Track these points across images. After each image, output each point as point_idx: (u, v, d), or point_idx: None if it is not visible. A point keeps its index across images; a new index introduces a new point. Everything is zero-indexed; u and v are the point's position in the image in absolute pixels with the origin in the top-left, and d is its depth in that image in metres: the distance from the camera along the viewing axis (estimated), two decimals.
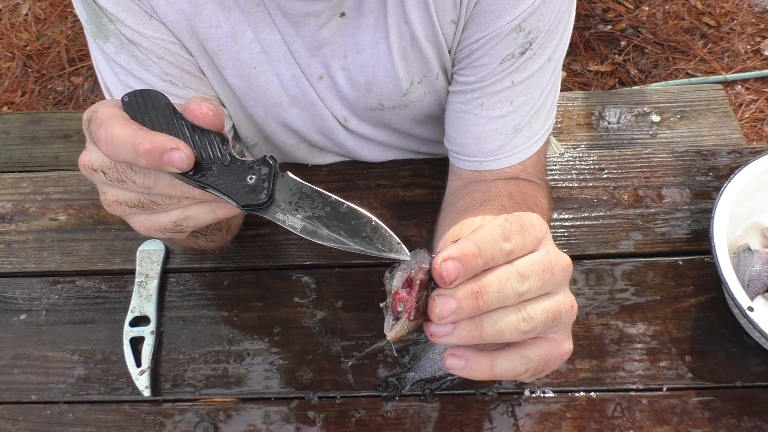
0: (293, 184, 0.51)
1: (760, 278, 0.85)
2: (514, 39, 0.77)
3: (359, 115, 0.93)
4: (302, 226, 0.50)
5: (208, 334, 0.89)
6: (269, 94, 0.87)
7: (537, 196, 0.84)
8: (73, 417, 0.84)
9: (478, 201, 0.81)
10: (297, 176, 0.52)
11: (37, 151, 1.61)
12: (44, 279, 0.95)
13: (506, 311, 0.47)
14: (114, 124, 0.48)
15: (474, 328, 0.46)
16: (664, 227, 0.94)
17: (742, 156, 1.00)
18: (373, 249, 0.49)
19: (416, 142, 1.02)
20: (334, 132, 0.95)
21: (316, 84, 0.87)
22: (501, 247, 0.46)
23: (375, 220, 0.51)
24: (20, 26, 2.46)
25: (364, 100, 0.89)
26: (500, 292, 0.46)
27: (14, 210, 1.01)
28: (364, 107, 0.90)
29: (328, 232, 0.51)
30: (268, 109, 0.90)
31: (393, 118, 0.93)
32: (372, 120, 0.94)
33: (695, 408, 0.81)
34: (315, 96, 0.89)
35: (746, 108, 2.15)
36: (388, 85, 0.85)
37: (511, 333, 0.47)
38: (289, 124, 0.93)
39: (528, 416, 0.81)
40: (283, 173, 0.51)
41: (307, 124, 0.93)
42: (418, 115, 0.92)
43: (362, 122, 0.94)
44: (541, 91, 0.83)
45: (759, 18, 2.34)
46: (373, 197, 0.99)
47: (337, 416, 0.82)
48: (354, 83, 0.86)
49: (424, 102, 0.89)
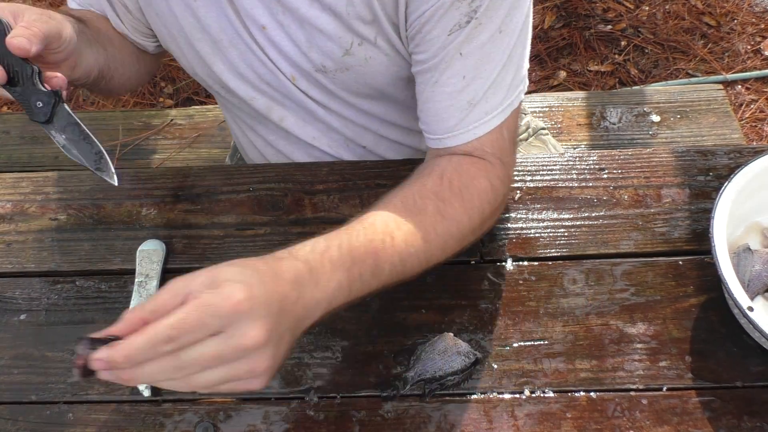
0: (66, 114, 0.79)
1: (760, 278, 0.85)
2: (458, 8, 0.78)
3: (306, 76, 0.93)
4: (63, 144, 0.80)
5: None
6: (211, 29, 0.89)
7: (475, 177, 0.82)
8: (72, 417, 0.84)
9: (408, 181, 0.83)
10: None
11: (36, 151, 1.61)
12: (44, 279, 0.95)
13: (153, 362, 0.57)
14: None
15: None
16: (664, 227, 0.94)
17: (742, 156, 1.00)
18: (89, 164, 0.80)
19: (369, 119, 1.02)
20: (285, 86, 0.95)
21: (259, 32, 0.88)
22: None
23: (102, 151, 0.80)
24: None
25: (306, 59, 0.89)
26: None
27: (14, 210, 1.01)
28: (309, 67, 0.90)
29: (75, 152, 0.79)
30: (214, 45, 0.91)
31: (339, 83, 0.92)
32: (318, 84, 0.94)
33: (695, 408, 0.81)
34: (254, 45, 0.90)
35: (746, 108, 2.15)
36: (326, 42, 0.85)
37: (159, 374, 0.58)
38: (233, 64, 0.93)
39: (528, 416, 0.81)
40: (62, 104, 0.78)
41: (249, 70, 0.94)
42: (363, 84, 0.92)
43: (311, 85, 0.94)
44: (495, 65, 0.82)
45: (759, 18, 2.33)
46: (373, 197, 0.99)
47: (337, 416, 0.82)
48: (295, 41, 0.87)
49: (368, 69, 0.89)
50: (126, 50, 1.01)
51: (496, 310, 0.88)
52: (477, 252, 0.93)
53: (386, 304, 0.89)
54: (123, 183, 1.02)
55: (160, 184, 1.02)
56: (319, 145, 1.06)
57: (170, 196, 1.01)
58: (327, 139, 1.05)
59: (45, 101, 0.76)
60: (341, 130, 1.03)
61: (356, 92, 0.95)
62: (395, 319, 0.88)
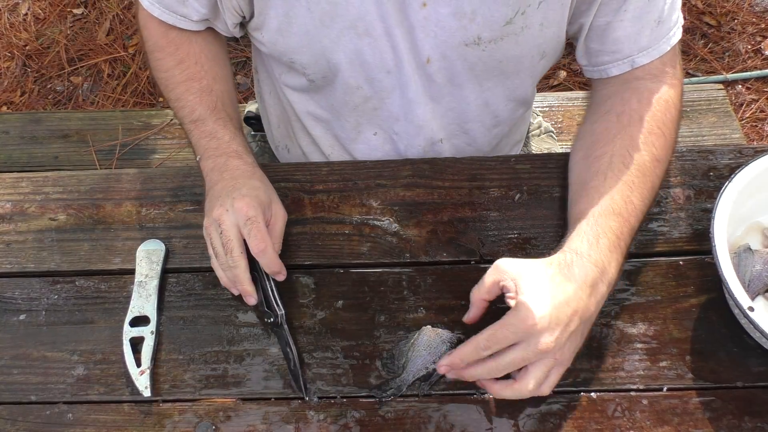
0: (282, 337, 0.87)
1: (760, 278, 0.85)
2: None
3: (448, 53, 0.92)
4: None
5: (208, 334, 0.89)
6: (349, 14, 0.88)
7: (667, 109, 0.91)
8: (72, 417, 0.84)
9: (609, 134, 0.90)
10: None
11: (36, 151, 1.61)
12: (43, 279, 0.95)
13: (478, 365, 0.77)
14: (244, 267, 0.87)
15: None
16: (664, 227, 0.94)
17: (742, 156, 1.00)
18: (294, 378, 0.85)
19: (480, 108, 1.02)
20: (405, 73, 0.95)
21: (417, 11, 0.87)
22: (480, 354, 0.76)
23: (299, 373, 0.85)
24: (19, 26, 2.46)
25: (463, 32, 0.89)
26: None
27: (13, 210, 1.01)
28: (458, 42, 0.90)
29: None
30: (343, 31, 0.90)
31: (483, 57, 0.93)
32: (458, 59, 0.93)
33: (696, 408, 0.81)
34: (396, 29, 0.89)
35: (747, 108, 2.15)
36: (499, 8, 0.87)
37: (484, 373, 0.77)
38: (359, 52, 0.92)
39: (528, 416, 0.80)
40: (279, 331, 0.87)
41: (376, 57, 0.93)
42: (508, 57, 0.93)
43: (445, 64, 0.94)
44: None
45: (760, 18, 2.33)
46: (373, 197, 0.99)
47: (337, 416, 0.82)
48: (459, 12, 0.87)
49: (520, 39, 0.91)
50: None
51: (496, 311, 0.88)
52: (477, 252, 0.93)
53: (386, 304, 0.89)
54: (122, 183, 1.03)
55: (160, 184, 1.02)
56: (398, 140, 1.06)
57: (170, 196, 1.01)
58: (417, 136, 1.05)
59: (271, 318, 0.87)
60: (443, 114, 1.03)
61: (489, 68, 0.95)
62: (395, 319, 0.88)
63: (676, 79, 0.94)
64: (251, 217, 0.85)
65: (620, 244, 0.82)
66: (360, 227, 0.96)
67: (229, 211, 0.86)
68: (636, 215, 0.85)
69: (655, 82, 0.93)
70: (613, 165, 0.87)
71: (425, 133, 1.04)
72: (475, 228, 0.95)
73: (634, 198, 0.85)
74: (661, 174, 0.89)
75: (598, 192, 0.85)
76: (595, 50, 0.95)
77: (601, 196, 0.85)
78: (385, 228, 0.96)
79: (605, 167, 0.87)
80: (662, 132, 0.90)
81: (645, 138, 0.88)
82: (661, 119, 0.90)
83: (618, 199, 0.84)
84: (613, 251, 0.81)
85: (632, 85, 0.93)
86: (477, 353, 0.75)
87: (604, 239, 0.81)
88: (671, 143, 0.91)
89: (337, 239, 0.95)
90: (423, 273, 0.92)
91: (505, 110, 1.05)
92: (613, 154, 0.88)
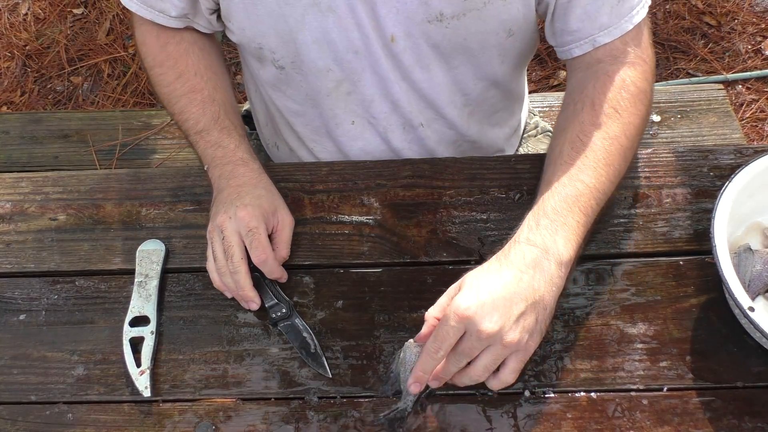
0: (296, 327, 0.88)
1: (761, 278, 0.85)
2: None
3: (412, 31, 0.92)
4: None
5: (208, 335, 0.89)
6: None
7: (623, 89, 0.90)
8: (72, 417, 0.84)
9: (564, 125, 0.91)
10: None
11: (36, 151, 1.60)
12: (43, 279, 0.95)
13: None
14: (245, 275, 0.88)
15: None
16: (664, 227, 0.94)
17: (742, 156, 1.00)
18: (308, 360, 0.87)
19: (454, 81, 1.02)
20: (373, 53, 0.95)
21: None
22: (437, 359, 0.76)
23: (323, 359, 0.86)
24: (19, 26, 2.46)
25: (424, 8, 0.89)
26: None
27: (13, 210, 1.01)
28: (421, 19, 0.91)
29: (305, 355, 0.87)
30: (307, 9, 0.90)
31: (447, 35, 0.93)
32: (422, 38, 0.93)
33: (696, 408, 0.81)
34: (360, 4, 0.89)
35: (747, 108, 2.15)
36: None
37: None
38: (325, 31, 0.92)
39: (528, 417, 0.80)
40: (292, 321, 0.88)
41: (342, 36, 0.93)
42: (472, 33, 0.93)
43: (410, 44, 0.94)
44: None
45: (760, 18, 2.33)
46: (373, 197, 0.99)
47: (337, 416, 0.82)
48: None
49: (483, 14, 0.91)
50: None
51: None
52: (477, 252, 0.93)
53: (386, 305, 0.89)
54: (123, 183, 1.03)
55: (160, 184, 1.02)
56: (376, 124, 1.06)
57: (170, 196, 1.01)
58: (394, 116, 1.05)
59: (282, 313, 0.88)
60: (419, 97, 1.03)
61: (455, 46, 0.95)
62: (395, 319, 0.88)
63: (638, 57, 0.93)
64: (252, 228, 0.87)
65: (566, 220, 0.81)
66: (360, 227, 0.96)
67: (231, 219, 0.88)
68: (590, 192, 0.84)
69: (614, 64, 0.92)
70: (563, 153, 0.88)
71: (402, 113, 1.04)
72: (475, 228, 0.95)
73: (583, 177, 0.84)
74: (619, 150, 0.88)
75: (546, 181, 0.86)
76: (559, 30, 0.95)
77: (549, 183, 0.85)
78: (385, 228, 0.96)
79: (556, 157, 0.88)
80: (615, 111, 0.89)
81: (595, 120, 0.88)
82: (615, 99, 0.89)
83: (565, 181, 0.84)
84: (558, 229, 0.80)
85: (593, 70, 0.93)
86: (433, 358, 0.75)
87: (545, 220, 0.81)
88: (628, 120, 0.89)
89: (337, 239, 0.95)
90: (423, 273, 0.92)
91: (475, 90, 1.04)
92: (563, 143, 0.89)
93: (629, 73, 0.91)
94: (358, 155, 1.10)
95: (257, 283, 0.89)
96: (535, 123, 1.33)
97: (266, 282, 0.90)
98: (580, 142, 0.87)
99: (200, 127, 0.99)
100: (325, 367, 0.85)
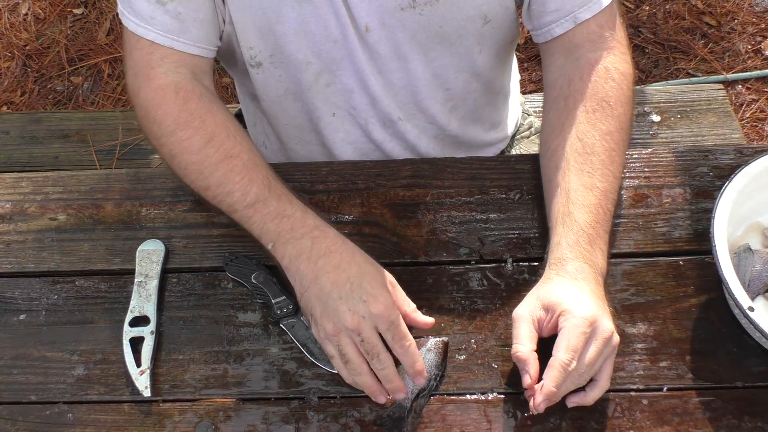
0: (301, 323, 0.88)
1: (760, 278, 0.85)
2: None
3: (386, 20, 0.92)
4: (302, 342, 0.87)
5: (208, 334, 0.89)
6: None
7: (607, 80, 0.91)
8: (72, 417, 0.84)
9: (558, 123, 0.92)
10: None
11: (36, 151, 1.60)
12: (43, 279, 0.95)
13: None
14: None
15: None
16: (664, 227, 0.94)
17: (742, 156, 1.00)
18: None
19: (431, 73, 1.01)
20: (350, 42, 0.95)
21: None
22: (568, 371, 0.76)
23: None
24: (20, 26, 2.46)
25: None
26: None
27: (13, 210, 1.01)
28: (394, 6, 0.91)
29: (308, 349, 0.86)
30: (283, 0, 0.90)
31: (422, 23, 0.93)
32: (397, 27, 0.93)
33: (696, 408, 0.81)
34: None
35: (747, 108, 2.15)
36: None
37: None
38: (303, 20, 0.92)
39: (528, 416, 0.80)
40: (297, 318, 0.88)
41: (320, 26, 0.93)
42: (447, 20, 0.93)
43: (385, 33, 0.94)
44: None
45: (760, 18, 2.33)
46: (373, 197, 0.99)
47: (337, 416, 0.82)
48: None
49: (457, 1, 0.91)
50: None
51: (496, 310, 0.88)
52: (477, 252, 0.93)
53: None
54: (123, 183, 1.03)
55: (160, 184, 1.02)
56: (356, 116, 1.05)
57: (170, 196, 1.01)
58: (373, 110, 1.04)
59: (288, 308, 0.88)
60: (396, 91, 1.03)
61: (431, 35, 0.95)
62: None
63: (615, 41, 0.94)
64: (393, 321, 0.79)
65: (599, 233, 0.84)
66: (360, 227, 0.96)
67: (366, 318, 0.78)
68: (606, 197, 0.86)
69: (594, 51, 0.93)
70: (567, 156, 0.88)
71: (381, 107, 1.04)
72: (475, 228, 0.95)
73: (596, 182, 0.86)
74: (617, 144, 0.90)
75: (562, 189, 0.87)
76: (537, 12, 0.95)
77: (567, 192, 0.86)
78: (385, 228, 0.96)
79: (561, 160, 0.89)
80: (606, 103, 0.90)
81: (590, 117, 0.90)
82: (603, 90, 0.91)
83: (583, 191, 0.86)
84: (594, 243, 0.83)
85: (574, 57, 0.94)
86: (566, 371, 0.75)
87: (583, 237, 0.83)
88: (619, 111, 0.91)
89: None
90: (423, 273, 0.92)
91: (456, 82, 1.04)
92: (564, 145, 0.89)
93: (610, 59, 0.93)
94: (341, 147, 1.09)
95: (263, 279, 0.89)
96: (529, 123, 1.32)
97: (273, 279, 0.89)
98: (580, 142, 0.88)
99: (251, 199, 0.87)
100: (331, 363, 0.84)
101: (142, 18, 0.91)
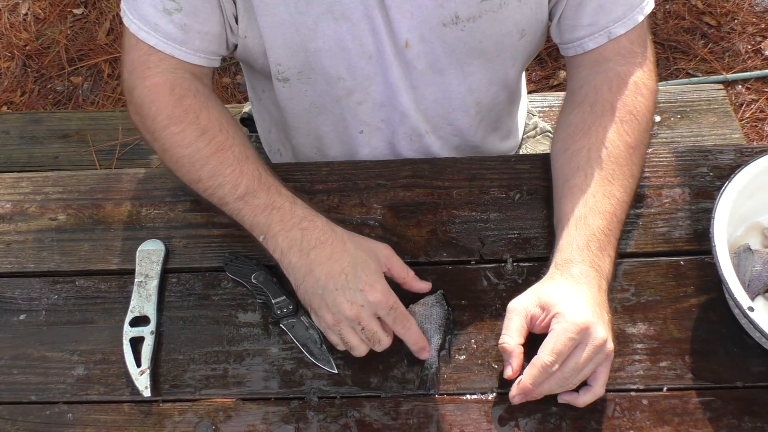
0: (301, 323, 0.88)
1: (760, 278, 0.85)
2: None
3: (426, 35, 0.92)
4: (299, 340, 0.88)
5: (208, 334, 0.89)
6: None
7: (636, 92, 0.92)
8: (72, 417, 0.84)
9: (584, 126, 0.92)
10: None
11: (36, 151, 1.60)
12: (43, 279, 0.95)
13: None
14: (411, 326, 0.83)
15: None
16: (664, 227, 0.94)
17: (742, 156, 1.00)
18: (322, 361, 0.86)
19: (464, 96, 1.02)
20: (386, 59, 0.94)
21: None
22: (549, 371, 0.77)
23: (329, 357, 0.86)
24: (20, 26, 2.46)
25: (439, 10, 0.89)
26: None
27: (13, 210, 1.01)
28: (436, 22, 0.90)
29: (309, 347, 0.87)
30: (320, 17, 0.89)
31: (463, 38, 0.92)
32: (437, 42, 0.93)
33: (696, 408, 0.81)
34: (375, 9, 0.88)
35: (747, 108, 2.15)
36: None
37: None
38: (339, 38, 0.91)
39: (528, 416, 0.80)
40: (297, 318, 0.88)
41: (356, 42, 0.92)
42: (488, 36, 0.93)
43: (424, 49, 0.93)
44: None
45: (760, 18, 2.33)
46: (373, 197, 0.99)
47: (337, 416, 0.82)
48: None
49: (499, 16, 0.91)
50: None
51: (496, 310, 0.88)
52: (477, 252, 0.93)
53: None
54: (123, 183, 1.03)
55: (160, 184, 1.02)
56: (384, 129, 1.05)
57: (170, 196, 1.01)
58: (401, 124, 1.04)
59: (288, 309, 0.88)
60: (427, 105, 1.02)
61: (470, 50, 0.95)
62: None
63: (644, 58, 0.95)
64: (392, 305, 0.81)
65: (610, 240, 0.85)
66: (360, 227, 0.96)
67: (364, 307, 0.80)
68: (621, 207, 0.87)
69: (624, 65, 0.94)
70: (591, 160, 0.88)
71: (409, 122, 1.03)
72: (475, 228, 0.95)
73: (615, 191, 0.87)
74: (639, 159, 0.91)
75: (580, 190, 0.87)
76: (569, 26, 0.95)
77: (584, 195, 0.86)
78: (385, 228, 0.96)
79: (584, 163, 0.88)
80: (634, 116, 0.91)
81: (618, 127, 0.90)
82: (632, 104, 0.91)
83: (601, 197, 0.86)
84: (604, 249, 0.84)
85: (603, 69, 0.94)
86: (546, 371, 0.76)
87: (594, 242, 0.83)
88: (645, 125, 0.92)
89: None
90: (423, 273, 0.92)
91: (487, 95, 1.04)
92: (590, 149, 0.89)
93: (639, 74, 0.93)
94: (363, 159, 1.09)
95: (263, 279, 0.89)
96: (534, 123, 1.33)
97: (273, 279, 0.90)
98: (605, 150, 0.89)
99: (242, 191, 0.87)
100: (331, 363, 0.85)
101: (146, 23, 0.90)
